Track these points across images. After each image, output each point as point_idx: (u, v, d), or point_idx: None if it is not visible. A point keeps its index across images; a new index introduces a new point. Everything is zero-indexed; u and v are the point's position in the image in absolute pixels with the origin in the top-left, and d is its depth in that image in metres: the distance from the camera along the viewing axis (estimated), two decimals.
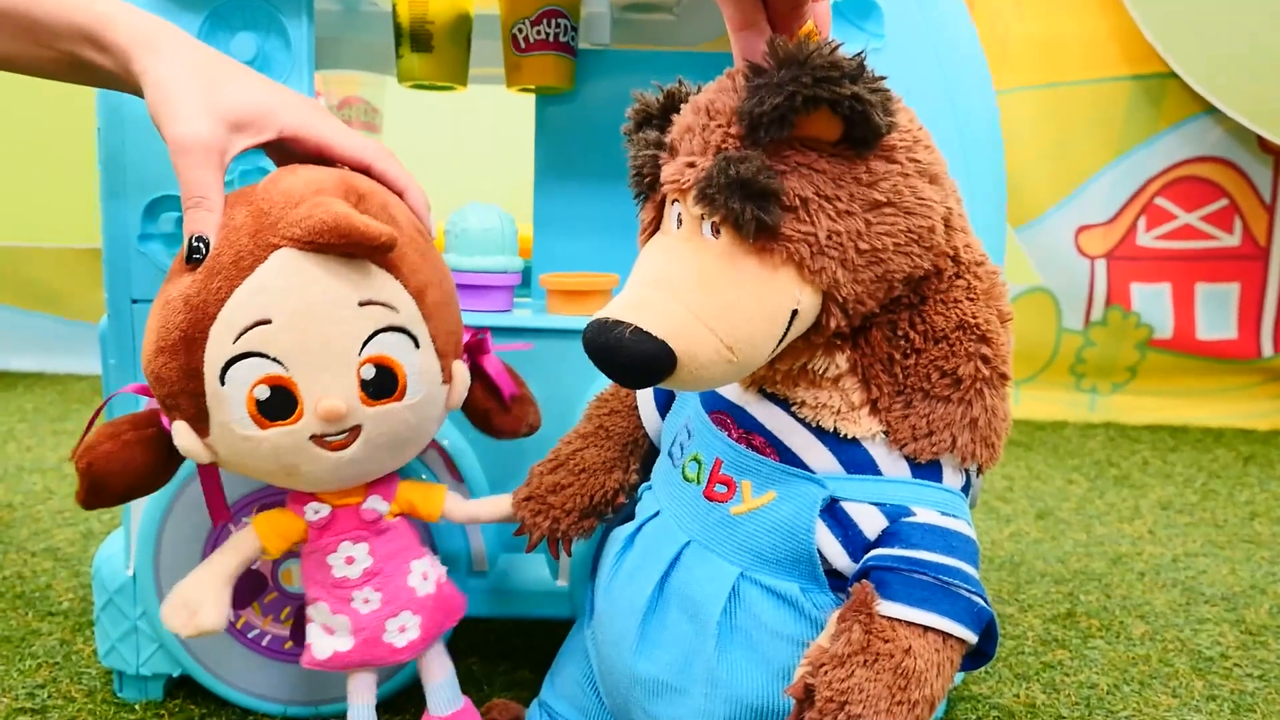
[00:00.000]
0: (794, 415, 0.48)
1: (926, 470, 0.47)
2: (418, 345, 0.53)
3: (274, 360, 0.49)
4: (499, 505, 0.61)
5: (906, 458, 0.46)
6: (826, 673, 0.41)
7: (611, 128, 0.79)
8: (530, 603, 0.71)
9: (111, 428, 0.54)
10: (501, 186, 1.34)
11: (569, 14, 0.72)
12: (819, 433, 0.47)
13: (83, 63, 0.54)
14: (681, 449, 0.52)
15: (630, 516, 0.55)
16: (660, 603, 0.50)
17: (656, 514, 0.53)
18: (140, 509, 0.66)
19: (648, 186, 0.47)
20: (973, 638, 0.43)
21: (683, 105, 0.45)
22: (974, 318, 0.46)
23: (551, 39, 0.72)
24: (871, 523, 0.46)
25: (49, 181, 1.73)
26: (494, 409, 0.61)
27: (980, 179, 0.66)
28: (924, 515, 0.45)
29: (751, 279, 0.42)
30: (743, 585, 0.47)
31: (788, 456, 0.48)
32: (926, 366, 0.46)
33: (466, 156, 1.79)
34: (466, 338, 0.60)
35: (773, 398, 0.48)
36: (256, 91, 0.54)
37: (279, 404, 0.50)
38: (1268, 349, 1.77)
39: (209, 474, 0.57)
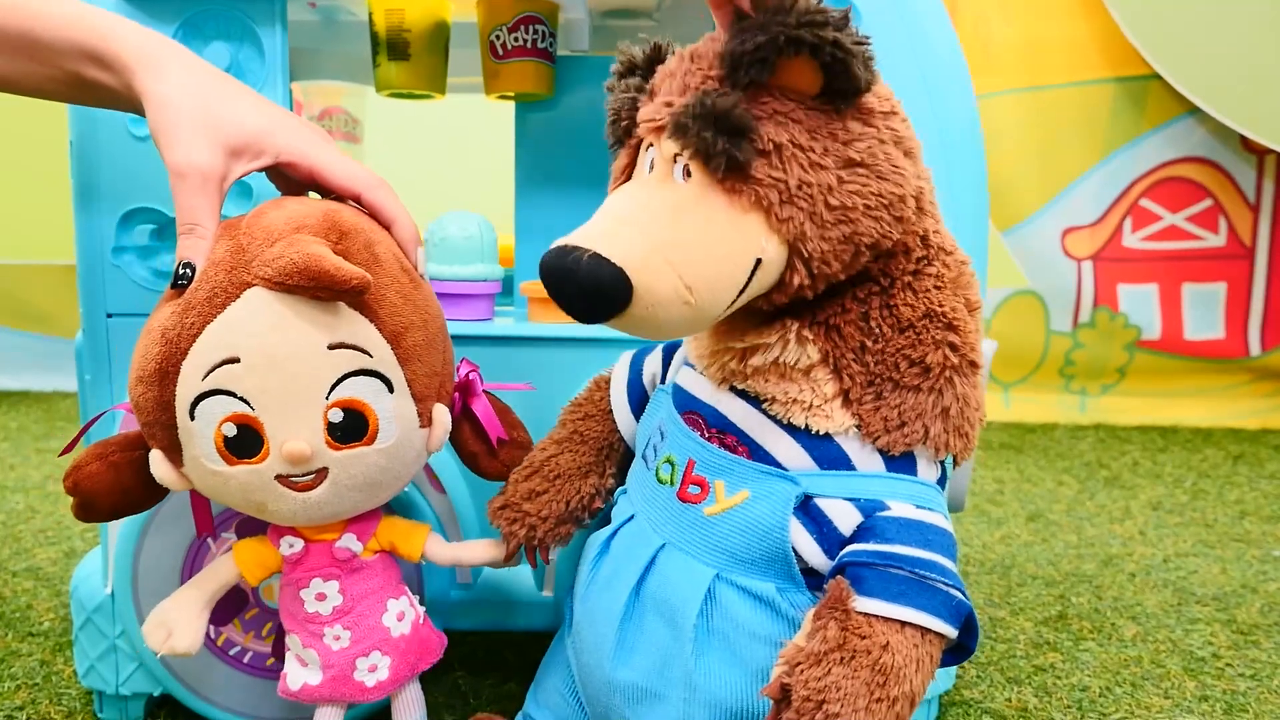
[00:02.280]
0: (765, 413, 0.47)
1: (900, 463, 0.46)
2: (391, 389, 0.52)
3: (241, 399, 0.49)
4: (486, 549, 0.60)
5: (880, 451, 0.46)
6: (803, 671, 0.41)
7: (592, 134, 0.79)
8: (515, 614, 0.70)
9: (100, 448, 0.53)
10: (483, 194, 1.33)
11: (547, 20, 0.72)
12: (791, 429, 0.46)
13: (85, 81, 0.54)
14: (655, 451, 0.52)
15: (607, 521, 0.54)
16: (637, 608, 0.49)
17: (632, 518, 0.52)
18: (117, 527, 0.65)
19: (624, 132, 0.47)
20: (952, 632, 0.43)
21: (669, 57, 0.46)
22: (940, 306, 0.46)
23: (529, 45, 0.72)
24: (846, 518, 0.45)
25: (30, 198, 1.72)
26: (481, 452, 0.60)
27: (961, 179, 0.66)
28: (899, 509, 0.45)
29: (718, 220, 0.41)
30: (719, 587, 0.47)
31: (760, 454, 0.47)
32: (895, 355, 0.45)
33: (448, 165, 1.79)
34: (459, 376, 0.58)
35: (744, 395, 0.48)
36: (255, 115, 0.53)
37: (246, 442, 0.50)
38: (1255, 348, 1.78)
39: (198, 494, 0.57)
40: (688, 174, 0.42)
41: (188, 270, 0.50)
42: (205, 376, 0.49)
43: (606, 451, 0.58)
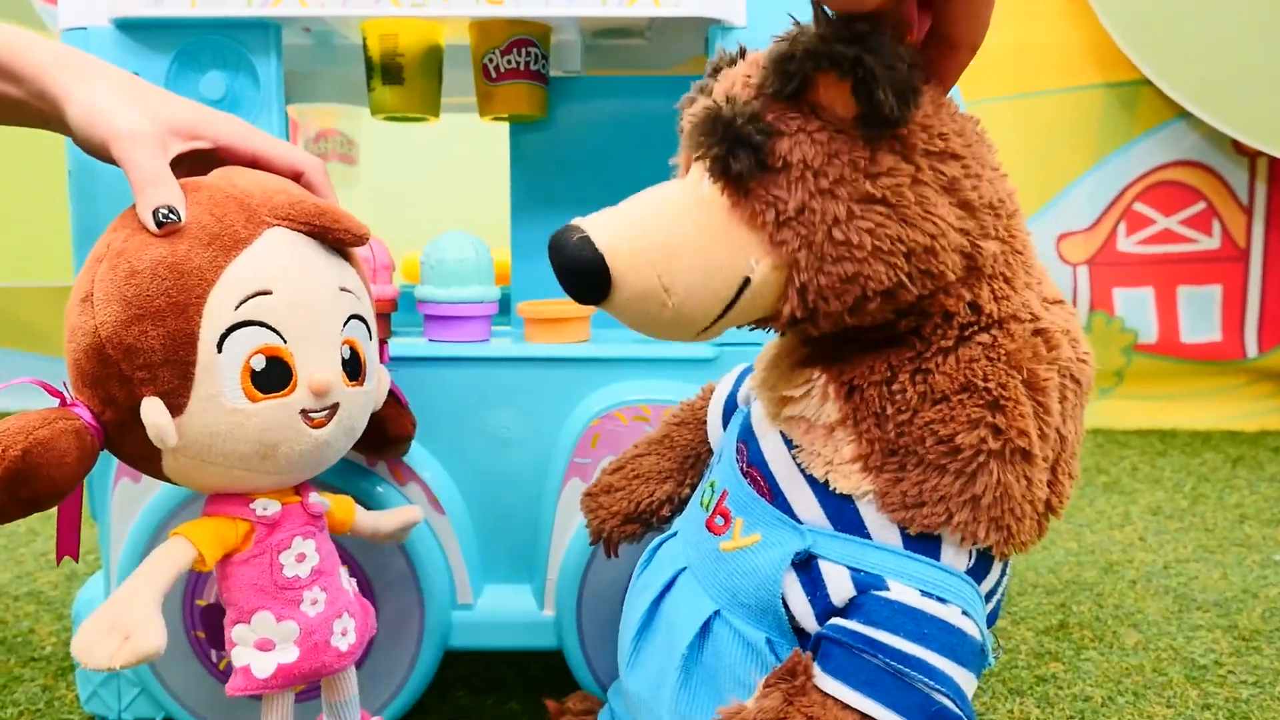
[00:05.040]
0: (794, 459, 0.45)
1: (919, 543, 0.42)
2: (371, 337, 0.56)
3: (273, 330, 0.50)
4: (396, 517, 0.63)
5: (897, 524, 0.42)
6: None
7: (586, 153, 0.80)
8: (516, 634, 0.70)
9: (38, 416, 0.48)
10: (479, 212, 1.33)
11: (539, 42, 0.72)
12: (811, 481, 0.44)
13: None
14: (710, 472, 0.51)
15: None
16: (651, 622, 0.50)
17: (676, 533, 0.52)
18: (119, 550, 0.65)
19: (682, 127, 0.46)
20: None
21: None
22: (985, 380, 0.41)
23: (522, 68, 0.72)
24: (840, 587, 0.42)
25: (27, 221, 1.73)
26: (392, 414, 0.63)
27: None
28: (899, 592, 0.41)
29: (712, 229, 0.40)
30: (716, 623, 0.45)
31: (780, 501, 0.45)
32: (922, 428, 0.41)
33: (444, 184, 1.79)
34: None
35: (783, 435, 0.46)
36: (187, 106, 0.56)
37: (274, 375, 0.50)
38: (1252, 350, 1.78)
39: (73, 503, 0.54)
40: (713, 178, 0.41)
41: (172, 212, 0.49)
42: (238, 307, 0.49)
43: (692, 460, 0.57)
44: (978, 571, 0.43)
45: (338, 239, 0.53)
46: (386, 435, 0.63)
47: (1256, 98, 1.62)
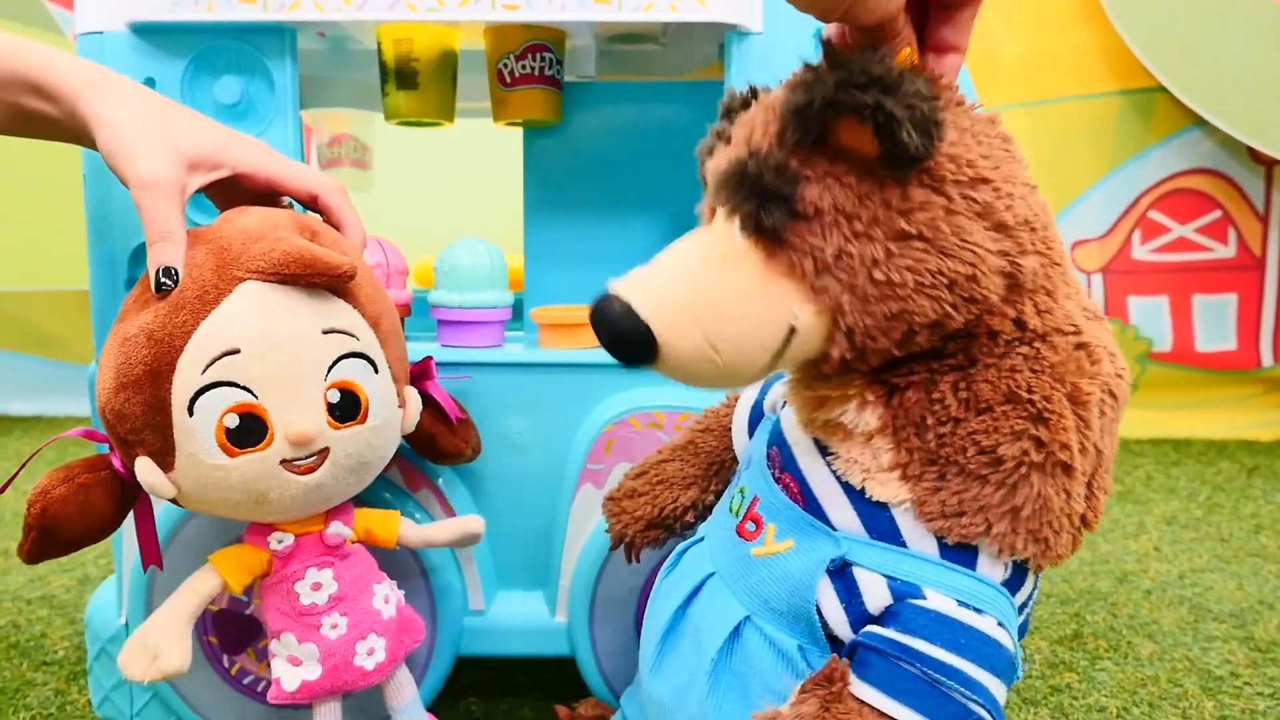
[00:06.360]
0: (829, 465, 0.44)
1: (957, 552, 0.42)
2: (376, 370, 0.55)
3: (243, 388, 0.50)
4: (452, 527, 0.63)
5: (935, 534, 0.42)
6: None
7: (600, 159, 0.80)
8: (528, 641, 0.70)
9: (64, 471, 0.53)
10: (493, 217, 1.34)
11: (554, 48, 0.72)
12: (847, 489, 0.44)
13: (27, 113, 0.55)
14: (739, 478, 0.51)
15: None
16: (678, 627, 0.49)
17: (703, 538, 0.52)
18: (132, 556, 0.65)
19: (704, 176, 0.46)
20: None
21: (754, 103, 0.44)
22: (1029, 392, 0.40)
23: (537, 73, 0.72)
24: (876, 595, 0.42)
25: (40, 225, 1.73)
26: (441, 432, 0.63)
27: None
28: (935, 601, 0.40)
29: (751, 283, 0.40)
30: (746, 629, 0.45)
31: (813, 507, 0.44)
32: (964, 439, 0.41)
33: (458, 189, 1.79)
34: (415, 364, 0.62)
35: (817, 442, 0.45)
36: (208, 132, 0.56)
37: (249, 431, 0.51)
38: (1267, 359, 1.77)
39: (144, 516, 0.56)
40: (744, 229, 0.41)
41: (172, 273, 0.51)
42: (205, 370, 0.50)
43: (716, 468, 0.57)
44: (1013, 583, 0.43)
45: (312, 284, 0.52)
46: (438, 450, 0.64)
47: (1273, 105, 1.61)
